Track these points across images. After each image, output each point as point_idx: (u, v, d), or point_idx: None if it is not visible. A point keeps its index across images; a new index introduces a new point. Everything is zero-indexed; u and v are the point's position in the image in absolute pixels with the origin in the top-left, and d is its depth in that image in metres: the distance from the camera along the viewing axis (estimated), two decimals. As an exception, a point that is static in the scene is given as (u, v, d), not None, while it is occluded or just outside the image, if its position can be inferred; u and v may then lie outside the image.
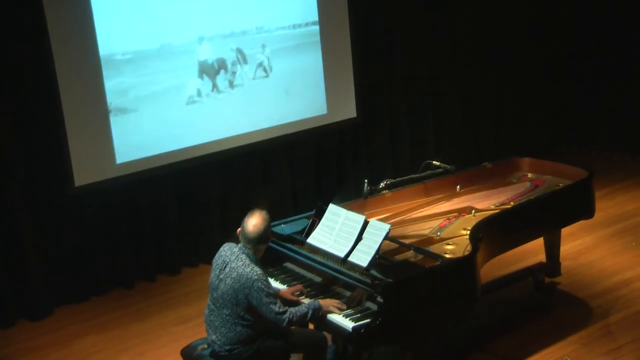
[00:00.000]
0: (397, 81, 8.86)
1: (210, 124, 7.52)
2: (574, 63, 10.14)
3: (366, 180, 6.07)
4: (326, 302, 4.89)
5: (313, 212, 5.59)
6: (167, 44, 7.19)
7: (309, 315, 4.79)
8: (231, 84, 7.61)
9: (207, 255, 6.54)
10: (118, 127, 7.02)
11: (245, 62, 7.66)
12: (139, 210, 7.39)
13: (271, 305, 4.68)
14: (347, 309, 4.87)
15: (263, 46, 7.74)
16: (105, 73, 6.90)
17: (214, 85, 7.51)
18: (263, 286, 4.68)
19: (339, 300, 4.94)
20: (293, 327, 5.05)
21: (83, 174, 6.89)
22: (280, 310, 4.69)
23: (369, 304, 4.86)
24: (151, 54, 7.13)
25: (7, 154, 6.69)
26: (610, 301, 6.39)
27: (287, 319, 4.70)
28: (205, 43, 7.39)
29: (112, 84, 6.94)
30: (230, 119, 7.63)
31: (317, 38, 8.08)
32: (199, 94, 7.42)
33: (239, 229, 4.89)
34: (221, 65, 7.53)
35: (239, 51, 7.60)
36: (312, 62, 8.09)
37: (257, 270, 4.74)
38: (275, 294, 4.84)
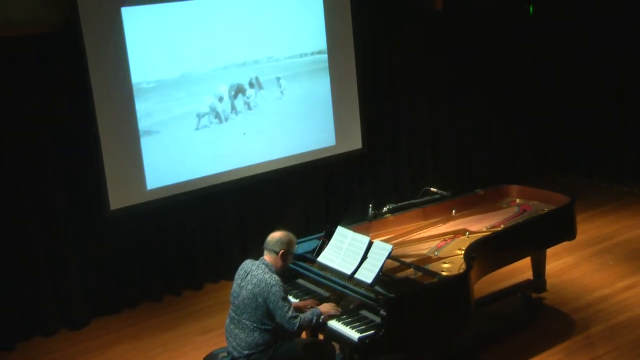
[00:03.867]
0: (398, 115, 8.87)
1: (230, 152, 7.50)
2: (557, 99, 10.15)
3: (371, 205, 6.06)
4: (324, 308, 4.94)
5: (323, 234, 5.59)
6: (187, 72, 7.18)
7: (314, 321, 4.83)
8: (248, 108, 7.57)
9: (228, 272, 6.56)
10: (148, 154, 7.03)
11: (261, 88, 7.63)
12: (166, 232, 7.39)
13: (285, 309, 4.72)
14: (342, 311, 4.92)
15: (276, 75, 7.71)
16: (135, 102, 6.91)
17: (232, 109, 7.47)
18: (280, 291, 4.73)
19: (334, 304, 4.99)
20: (304, 337, 5.04)
21: (117, 199, 6.90)
22: (293, 314, 4.73)
23: (364, 312, 4.88)
24: (173, 82, 7.11)
25: (49, 180, 6.73)
26: (591, 314, 6.35)
27: (297, 323, 4.73)
28: (221, 72, 7.36)
29: (140, 110, 6.94)
30: (248, 148, 7.61)
31: (326, 66, 8.04)
32: (217, 117, 7.39)
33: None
34: (237, 90, 7.50)
35: (255, 79, 7.57)
36: (322, 95, 8.08)
37: (276, 277, 4.79)
38: (290, 302, 4.86)
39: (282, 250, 4.89)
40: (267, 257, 4.90)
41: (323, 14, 7.95)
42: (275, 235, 4.92)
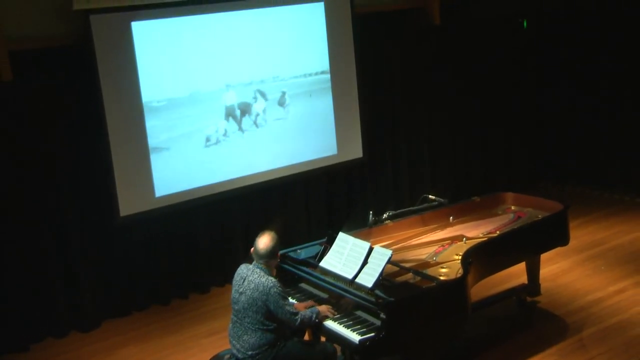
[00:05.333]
0: (398, 125, 8.87)
1: (236, 162, 7.51)
2: (550, 109, 10.16)
3: (371, 212, 6.05)
4: (322, 309, 5.00)
5: (325, 240, 5.58)
6: (196, 91, 7.20)
7: (313, 318, 4.90)
8: (254, 125, 7.58)
9: (233, 276, 6.55)
10: (157, 165, 7.04)
11: (266, 106, 7.63)
12: (174, 237, 7.38)
13: (287, 307, 4.80)
14: (338, 313, 4.97)
15: (282, 92, 7.73)
16: (145, 117, 6.92)
17: (239, 127, 7.49)
18: (278, 291, 4.79)
19: (331, 306, 5.05)
20: (307, 340, 5.04)
21: (127, 206, 6.90)
22: (294, 311, 4.83)
23: (360, 313, 4.90)
24: (182, 100, 7.12)
25: (62, 188, 6.74)
26: (584, 317, 6.34)
27: (299, 319, 4.82)
28: (229, 90, 7.38)
29: (150, 127, 6.95)
30: (253, 158, 7.62)
31: (329, 86, 8.06)
32: (225, 134, 7.40)
33: (252, 249, 4.98)
34: (244, 109, 7.50)
35: (261, 95, 7.59)
36: (325, 109, 8.09)
37: (272, 279, 4.85)
38: (289, 300, 4.96)
39: (278, 255, 5.01)
40: (259, 261, 4.92)
41: (326, 35, 7.97)
42: (267, 245, 4.92)
